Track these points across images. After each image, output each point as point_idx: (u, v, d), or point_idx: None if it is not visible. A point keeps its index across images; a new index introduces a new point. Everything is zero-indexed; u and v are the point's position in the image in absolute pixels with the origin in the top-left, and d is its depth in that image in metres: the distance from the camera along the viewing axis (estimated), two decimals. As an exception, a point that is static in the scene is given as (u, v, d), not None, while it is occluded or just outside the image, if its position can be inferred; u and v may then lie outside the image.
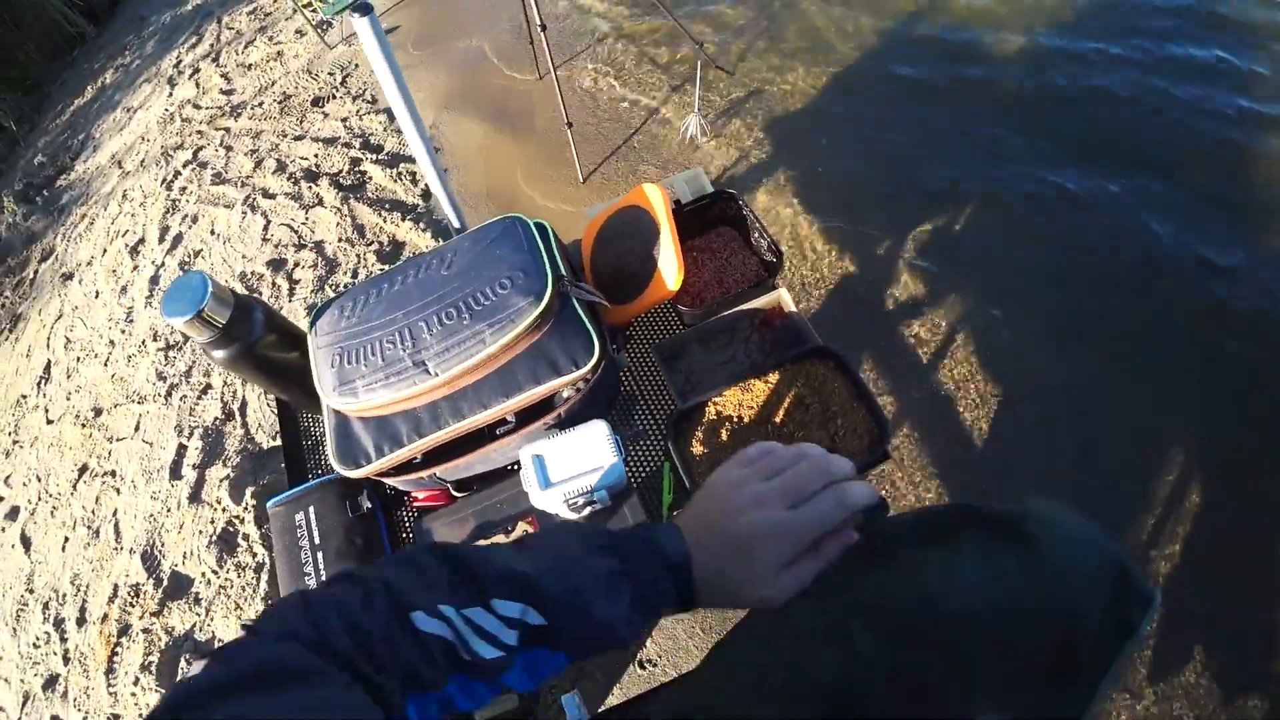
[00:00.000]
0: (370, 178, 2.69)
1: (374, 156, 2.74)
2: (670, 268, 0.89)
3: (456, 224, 1.13)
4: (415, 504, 0.95)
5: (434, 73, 3.06)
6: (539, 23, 1.98)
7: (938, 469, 1.58)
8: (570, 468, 0.80)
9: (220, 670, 0.34)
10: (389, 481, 0.84)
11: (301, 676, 0.35)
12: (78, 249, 3.32)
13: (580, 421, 0.82)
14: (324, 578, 0.89)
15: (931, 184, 2.06)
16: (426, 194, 2.55)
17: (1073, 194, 1.94)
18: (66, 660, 1.96)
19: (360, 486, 0.93)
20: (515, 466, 0.96)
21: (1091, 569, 0.43)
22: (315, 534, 0.92)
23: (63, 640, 2.01)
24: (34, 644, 2.06)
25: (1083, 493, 1.49)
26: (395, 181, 2.62)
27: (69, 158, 4.02)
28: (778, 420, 0.93)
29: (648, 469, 0.97)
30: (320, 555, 0.91)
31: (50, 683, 1.94)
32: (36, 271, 3.41)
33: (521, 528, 0.87)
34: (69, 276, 3.21)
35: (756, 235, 1.05)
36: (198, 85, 3.79)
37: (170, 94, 3.86)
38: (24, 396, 2.86)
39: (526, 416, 0.84)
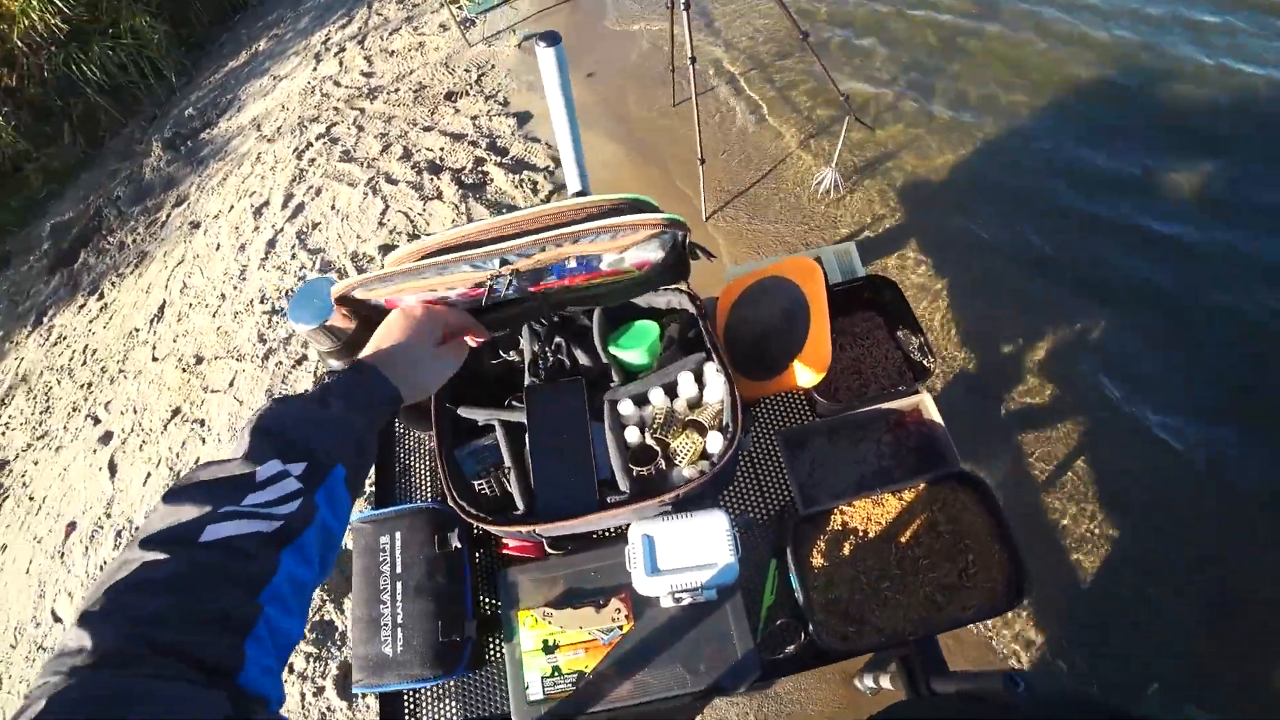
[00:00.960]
0: (492, 179, 2.72)
1: (498, 159, 2.78)
2: (816, 359, 0.81)
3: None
4: (504, 550, 0.91)
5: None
6: (690, 54, 1.96)
7: (1077, 636, 1.39)
8: (682, 557, 0.74)
9: None
10: (491, 530, 0.79)
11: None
12: (208, 201, 3.52)
13: (696, 504, 0.76)
14: (400, 611, 0.86)
15: (1090, 284, 1.86)
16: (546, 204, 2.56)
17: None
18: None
19: (452, 523, 0.90)
20: (614, 532, 0.90)
21: None
22: (398, 562, 0.88)
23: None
24: (100, 567, 2.14)
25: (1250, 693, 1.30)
26: (516, 187, 2.64)
27: (215, 114, 4.29)
28: (903, 540, 0.84)
29: (749, 562, 0.89)
30: (399, 586, 0.87)
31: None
32: (169, 215, 3.63)
33: (614, 604, 0.81)
34: (196, 225, 3.40)
35: (906, 329, 0.97)
36: (341, 64, 3.97)
37: (315, 68, 4.06)
38: (136, 330, 3.03)
39: (640, 491, 0.78)
